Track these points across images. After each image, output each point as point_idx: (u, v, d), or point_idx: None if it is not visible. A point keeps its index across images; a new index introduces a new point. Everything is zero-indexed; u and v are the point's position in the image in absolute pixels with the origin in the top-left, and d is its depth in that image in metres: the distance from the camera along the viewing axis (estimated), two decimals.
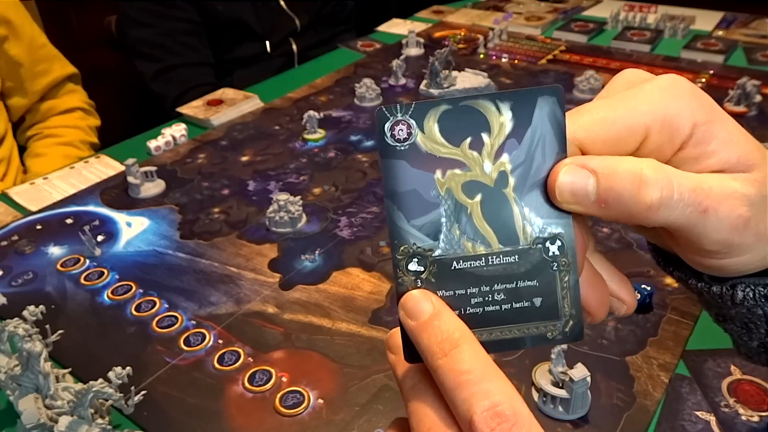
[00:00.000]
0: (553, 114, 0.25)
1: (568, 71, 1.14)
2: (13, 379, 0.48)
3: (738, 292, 0.29)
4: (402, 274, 0.25)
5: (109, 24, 1.62)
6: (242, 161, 0.89)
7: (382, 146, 0.25)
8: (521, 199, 0.25)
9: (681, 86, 0.25)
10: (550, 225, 0.25)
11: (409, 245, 0.25)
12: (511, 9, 1.49)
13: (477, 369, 0.23)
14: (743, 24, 1.35)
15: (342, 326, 0.59)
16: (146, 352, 0.57)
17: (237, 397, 0.52)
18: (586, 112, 0.25)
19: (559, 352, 0.49)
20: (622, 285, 0.29)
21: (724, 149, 0.25)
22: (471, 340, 0.24)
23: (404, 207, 0.25)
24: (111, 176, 0.86)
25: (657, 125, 0.25)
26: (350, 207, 0.77)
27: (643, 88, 0.25)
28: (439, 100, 0.25)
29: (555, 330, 0.26)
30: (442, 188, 0.25)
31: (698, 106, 0.25)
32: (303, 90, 1.11)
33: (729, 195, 0.24)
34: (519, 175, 0.25)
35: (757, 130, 0.91)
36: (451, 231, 0.25)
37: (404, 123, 0.25)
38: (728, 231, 0.25)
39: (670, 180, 0.24)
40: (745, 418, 0.48)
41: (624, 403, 0.50)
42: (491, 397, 0.22)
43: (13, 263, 0.70)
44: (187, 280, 0.66)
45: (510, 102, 0.25)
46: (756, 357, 0.33)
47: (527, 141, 0.25)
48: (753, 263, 0.27)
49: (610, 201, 0.24)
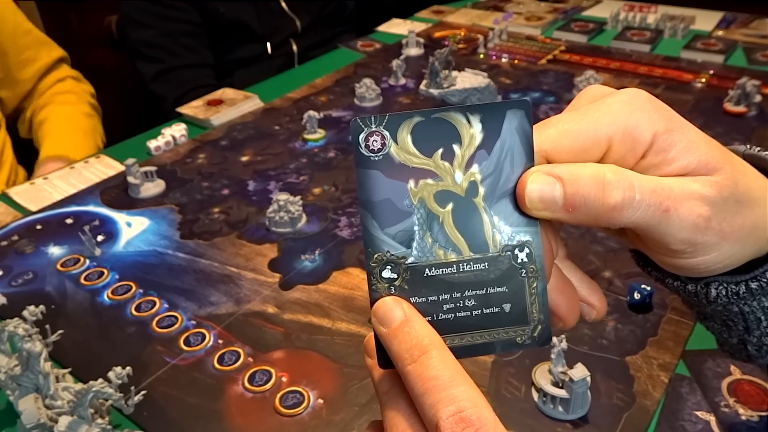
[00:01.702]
0: (521, 127, 0.26)
1: (568, 71, 1.14)
2: (13, 379, 0.48)
3: (711, 290, 0.30)
4: (376, 281, 0.26)
5: (109, 24, 1.62)
6: (242, 161, 0.89)
7: (357, 156, 0.26)
8: (491, 208, 0.26)
9: (641, 99, 0.26)
10: (518, 233, 0.26)
11: (383, 253, 0.26)
12: (511, 9, 1.49)
13: (444, 375, 0.24)
14: (743, 24, 1.35)
15: (342, 326, 0.59)
16: (146, 352, 0.57)
17: (237, 397, 0.52)
18: (552, 125, 0.27)
19: (558, 352, 0.49)
20: (593, 291, 0.30)
21: (684, 155, 0.26)
22: (440, 346, 0.25)
23: (378, 216, 0.26)
24: (111, 176, 0.86)
25: (618, 135, 0.26)
26: (350, 207, 0.77)
27: (605, 101, 0.27)
28: (412, 113, 0.26)
29: (524, 335, 0.26)
30: (415, 197, 0.26)
31: (658, 117, 0.26)
32: (303, 90, 1.11)
33: (689, 195, 0.25)
34: (489, 185, 0.26)
35: (757, 130, 0.91)
36: (424, 239, 0.26)
37: (378, 134, 0.26)
38: (690, 230, 0.26)
39: (631, 182, 0.25)
40: (745, 418, 0.48)
41: (624, 403, 0.50)
42: (457, 402, 0.23)
43: (13, 263, 0.70)
44: (187, 280, 0.66)
45: (480, 115, 0.26)
46: (737, 353, 0.34)
47: (496, 152, 0.26)
48: (721, 262, 0.28)
49: (577, 205, 0.25)
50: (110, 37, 1.60)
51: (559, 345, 0.49)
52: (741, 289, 0.30)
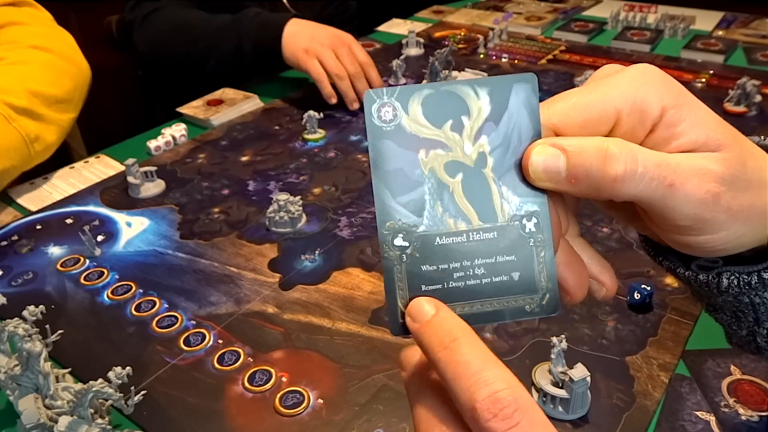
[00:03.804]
0: (528, 100, 0.26)
1: (568, 71, 1.14)
2: (13, 379, 0.48)
3: (723, 280, 0.30)
4: (388, 249, 0.27)
5: (109, 24, 1.62)
6: (242, 161, 0.89)
7: (370, 126, 0.26)
8: (499, 178, 0.27)
9: (650, 73, 0.27)
10: (526, 203, 0.27)
11: (395, 221, 0.26)
12: (511, 9, 1.49)
13: (476, 359, 0.24)
14: (743, 24, 1.35)
15: (342, 326, 0.59)
16: (146, 352, 0.57)
17: (237, 397, 0.52)
18: (561, 99, 0.27)
19: (558, 352, 0.49)
20: (604, 269, 0.30)
21: (692, 130, 0.26)
22: (469, 333, 0.25)
23: (390, 185, 0.26)
24: (111, 176, 0.86)
25: (627, 108, 0.26)
26: (350, 207, 0.77)
27: (615, 76, 0.27)
28: (422, 85, 0.26)
29: (533, 303, 0.27)
30: (425, 167, 0.26)
31: (666, 92, 0.26)
32: (303, 90, 1.11)
33: (697, 171, 0.25)
34: (497, 156, 0.26)
35: (758, 130, 0.91)
36: (434, 208, 0.26)
37: (390, 105, 0.26)
38: (697, 205, 0.26)
39: (634, 155, 0.25)
40: (745, 418, 0.48)
41: (624, 403, 0.50)
42: (491, 385, 0.23)
43: (13, 263, 0.70)
44: (187, 280, 0.66)
45: (487, 88, 0.26)
46: (746, 345, 0.34)
47: (504, 124, 0.26)
48: (730, 242, 0.28)
49: (579, 176, 0.25)
50: (110, 37, 1.60)
51: (559, 345, 0.49)
52: (753, 279, 0.29)
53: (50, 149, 0.83)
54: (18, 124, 0.77)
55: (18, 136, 0.77)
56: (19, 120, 0.77)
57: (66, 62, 0.88)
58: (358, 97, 1.02)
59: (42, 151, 0.81)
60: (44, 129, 0.81)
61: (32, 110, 0.79)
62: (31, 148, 0.78)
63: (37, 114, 0.80)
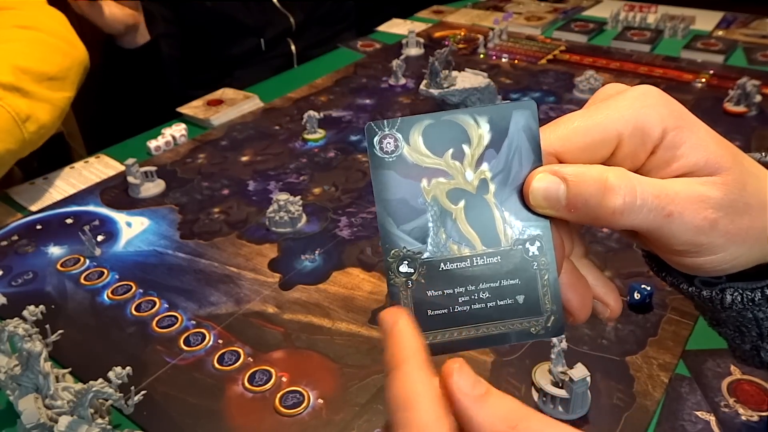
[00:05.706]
0: (528, 126, 0.27)
1: (568, 71, 1.14)
2: (13, 379, 0.48)
3: (727, 296, 0.30)
4: (393, 276, 0.27)
5: None
6: (242, 161, 0.89)
7: (373, 158, 0.27)
8: (501, 204, 0.27)
9: (652, 95, 0.27)
10: (529, 227, 0.27)
11: (399, 249, 0.27)
12: (511, 9, 1.49)
13: (402, 394, 0.25)
14: (743, 24, 1.35)
15: (342, 326, 0.59)
16: (146, 352, 0.57)
17: (237, 397, 0.52)
18: (562, 123, 0.27)
19: (558, 352, 0.49)
20: (608, 290, 0.30)
21: (692, 153, 0.26)
22: (412, 361, 0.26)
23: (394, 213, 0.27)
24: (111, 176, 0.86)
25: (628, 131, 0.26)
26: (350, 207, 0.77)
27: (616, 98, 0.27)
28: (422, 116, 0.27)
29: (538, 325, 0.27)
30: (428, 195, 0.27)
31: (668, 114, 0.26)
32: (303, 90, 1.11)
33: (695, 199, 0.26)
34: (499, 182, 0.27)
35: (757, 130, 0.91)
36: (438, 235, 0.27)
37: (391, 137, 0.27)
38: (694, 232, 0.26)
39: (633, 187, 0.25)
40: (745, 418, 0.48)
41: (624, 403, 0.50)
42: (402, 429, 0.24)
43: (13, 263, 0.70)
44: (187, 280, 0.66)
45: (487, 116, 0.27)
46: (750, 359, 0.34)
47: (505, 151, 0.27)
48: (728, 262, 0.28)
49: (579, 206, 0.26)
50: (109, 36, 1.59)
51: (559, 345, 0.49)
52: (756, 296, 0.29)
53: (45, 130, 0.77)
54: (5, 102, 0.71)
55: (6, 116, 0.71)
56: (7, 98, 0.72)
57: (58, 40, 0.83)
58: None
59: (36, 132, 0.75)
60: (36, 107, 0.75)
61: (20, 87, 0.73)
62: (23, 128, 0.73)
63: (26, 91, 0.74)
